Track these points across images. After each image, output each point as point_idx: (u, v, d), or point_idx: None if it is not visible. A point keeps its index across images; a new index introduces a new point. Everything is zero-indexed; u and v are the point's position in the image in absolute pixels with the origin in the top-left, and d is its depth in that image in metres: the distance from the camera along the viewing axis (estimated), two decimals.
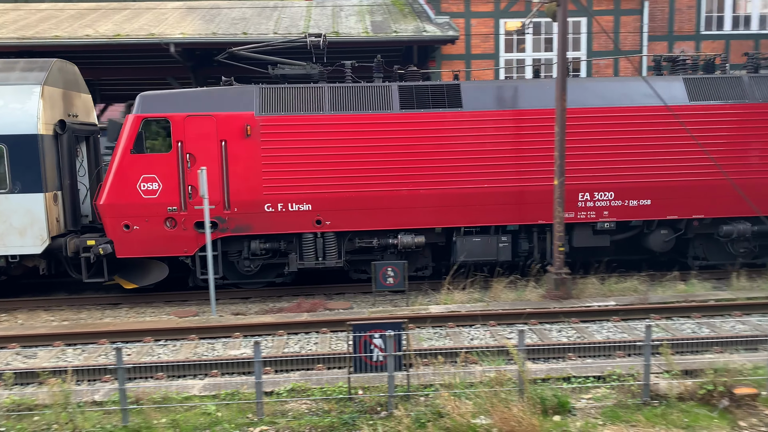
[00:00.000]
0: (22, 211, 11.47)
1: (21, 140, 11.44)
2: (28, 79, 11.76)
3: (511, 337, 8.93)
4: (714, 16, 16.64)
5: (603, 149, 12.11)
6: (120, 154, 11.53)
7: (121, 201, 11.53)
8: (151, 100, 11.71)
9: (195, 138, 11.57)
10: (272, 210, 11.73)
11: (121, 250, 11.67)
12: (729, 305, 10.28)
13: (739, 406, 6.37)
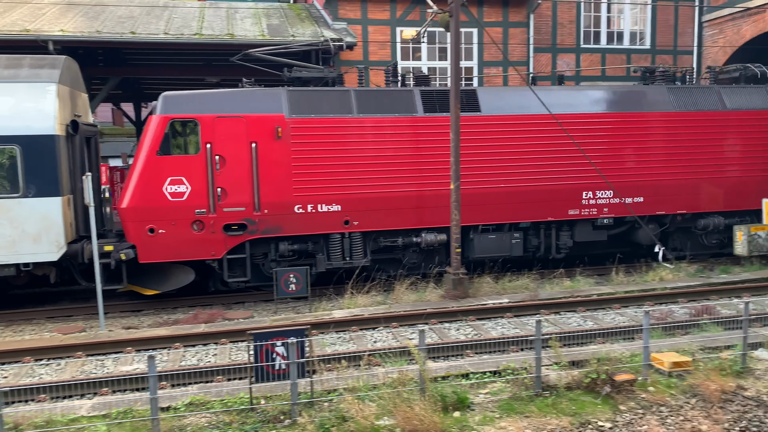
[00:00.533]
0: (36, 216, 10.69)
1: (36, 141, 10.64)
2: (41, 77, 10.94)
3: (413, 338, 9.12)
4: (591, 31, 17.97)
5: (605, 151, 13.27)
6: (145, 156, 11.10)
7: (146, 204, 11.14)
8: (177, 100, 11.42)
9: (224, 139, 11.39)
10: (302, 211, 11.84)
11: (145, 255, 11.26)
12: (609, 299, 11.11)
13: (620, 392, 6.89)
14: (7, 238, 10.60)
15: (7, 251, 10.62)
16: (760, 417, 6.39)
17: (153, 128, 11.17)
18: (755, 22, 16.87)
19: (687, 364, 7.44)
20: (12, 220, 10.59)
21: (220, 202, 11.42)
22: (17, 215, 10.61)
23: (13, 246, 10.61)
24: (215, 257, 11.64)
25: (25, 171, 10.63)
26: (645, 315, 7.26)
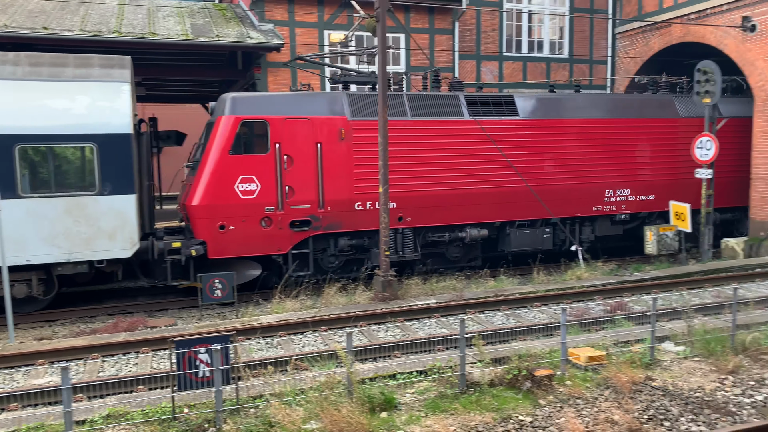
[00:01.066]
0: (111, 213, 10.92)
1: (112, 139, 10.86)
2: (115, 77, 11.13)
3: (341, 341, 9.13)
4: (513, 39, 18.62)
5: (624, 153, 14.89)
6: (218, 155, 11.57)
7: (218, 202, 11.61)
8: (246, 101, 11.97)
9: (292, 140, 12.05)
10: (361, 208, 12.66)
11: (215, 251, 11.70)
12: (531, 297, 11.53)
13: (539, 387, 7.17)
14: (83, 235, 10.76)
15: (82, 248, 10.78)
16: (666, 405, 6.81)
17: (224, 128, 11.64)
18: (662, 36, 18.01)
19: (601, 358, 7.83)
20: (88, 218, 10.76)
21: (288, 200, 12.12)
22: (93, 212, 10.80)
23: (88, 243, 10.76)
24: (281, 252, 12.25)
25: (101, 169, 10.82)
26: (562, 312, 7.59)
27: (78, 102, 10.81)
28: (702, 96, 14.72)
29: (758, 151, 15.66)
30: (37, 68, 10.84)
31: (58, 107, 10.71)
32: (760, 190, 15.62)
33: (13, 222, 10.31)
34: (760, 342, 8.49)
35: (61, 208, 10.65)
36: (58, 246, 10.69)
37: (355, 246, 12.91)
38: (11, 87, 10.52)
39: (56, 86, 10.77)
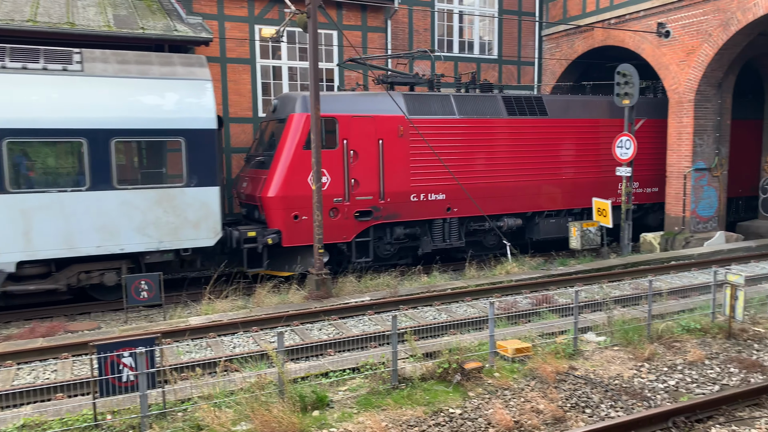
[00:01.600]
0: (197, 204, 11.56)
1: (199, 134, 11.48)
2: (198, 75, 11.78)
3: (273, 341, 9.03)
4: (445, 39, 18.92)
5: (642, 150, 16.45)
6: (292, 150, 12.50)
7: (293, 193, 12.55)
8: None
9: (357, 136, 13.12)
10: (416, 199, 13.87)
11: (289, 239, 12.67)
12: (462, 292, 11.78)
13: (469, 379, 7.34)
14: (171, 225, 11.36)
15: (170, 237, 11.39)
16: (588, 393, 7.13)
17: (297, 125, 12.62)
18: (585, 39, 18.78)
19: (528, 349, 8.10)
20: (176, 208, 11.36)
21: (353, 192, 13.17)
22: (180, 203, 11.41)
23: (175, 233, 11.35)
24: (346, 240, 13.32)
25: (188, 162, 11.42)
26: (490, 306, 7.79)
27: (167, 99, 11.39)
28: (621, 97, 15.45)
29: (672, 150, 16.60)
30: (126, 66, 11.38)
31: (150, 103, 11.21)
32: (674, 187, 16.58)
33: (108, 212, 10.96)
34: (672, 330, 9.03)
35: (151, 199, 11.23)
36: (149, 235, 11.28)
37: (408, 234, 14.14)
38: (106, 84, 11.02)
39: (147, 83, 11.31)
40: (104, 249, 10.98)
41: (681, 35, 15.91)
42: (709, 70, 15.51)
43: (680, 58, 16.01)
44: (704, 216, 16.61)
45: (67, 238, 10.67)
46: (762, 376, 7.63)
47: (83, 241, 10.77)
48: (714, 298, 9.42)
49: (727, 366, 7.95)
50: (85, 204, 10.75)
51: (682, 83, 16.03)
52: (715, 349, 8.52)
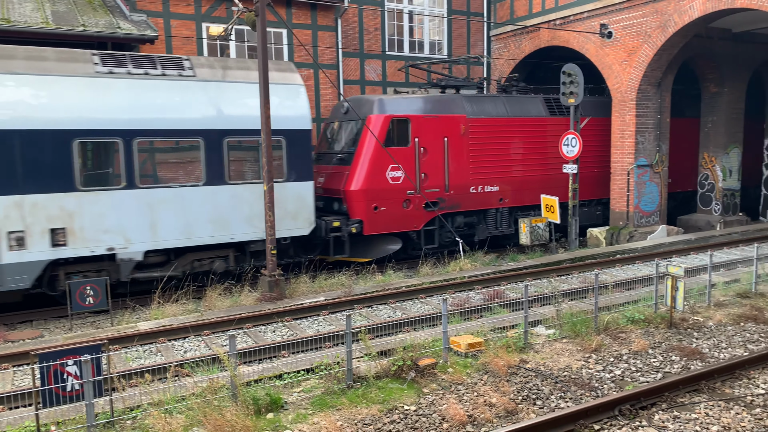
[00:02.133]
0: (295, 197, 12.84)
1: (297, 134, 12.77)
2: (293, 80, 12.98)
3: (225, 345, 8.88)
4: (395, 39, 19.01)
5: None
6: (373, 147, 13.91)
7: (374, 186, 13.97)
8: (393, 103, 14.44)
9: (426, 134, 14.65)
10: (474, 191, 15.54)
11: (369, 228, 14.05)
12: (416, 290, 11.87)
13: (423, 376, 7.41)
14: (276, 216, 12.11)
15: (277, 227, 12.15)
16: (538, 385, 7.30)
17: (378, 125, 14.00)
18: (532, 39, 19.20)
19: (480, 344, 8.24)
20: (278, 201, 12.16)
21: (423, 185, 14.65)
22: (281, 197, 12.44)
23: (277, 223, 12.11)
24: (416, 229, 14.72)
25: (288, 159, 12.68)
26: (443, 303, 7.89)
27: (270, 101, 11.95)
28: (567, 96, 15.87)
29: (616, 148, 17.17)
30: (229, 71, 12.45)
31: (255, 106, 12.02)
32: (618, 184, 17.15)
33: (221, 205, 12.08)
34: (618, 321, 9.34)
35: (257, 193, 12.31)
36: (254, 226, 12.44)
37: (467, 223, 15.69)
38: (215, 88, 12.11)
39: (250, 87, 12.29)
40: (217, 238, 12.14)
41: (622, 36, 16.46)
42: (649, 69, 16.11)
43: (622, 59, 16.56)
44: (647, 211, 17.24)
45: (186, 228, 11.79)
46: (701, 363, 7.98)
47: (199, 231, 11.94)
48: (656, 290, 9.80)
49: (669, 354, 8.28)
50: (202, 198, 11.90)
51: (624, 82, 16.59)
52: (657, 338, 8.86)
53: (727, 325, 9.45)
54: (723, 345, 8.67)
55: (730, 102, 18.92)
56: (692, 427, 6.26)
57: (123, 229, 11.23)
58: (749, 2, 13.52)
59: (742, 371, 7.63)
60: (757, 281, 11.27)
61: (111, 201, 11.09)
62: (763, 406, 6.74)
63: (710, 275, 10.65)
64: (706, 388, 7.16)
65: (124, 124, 11.11)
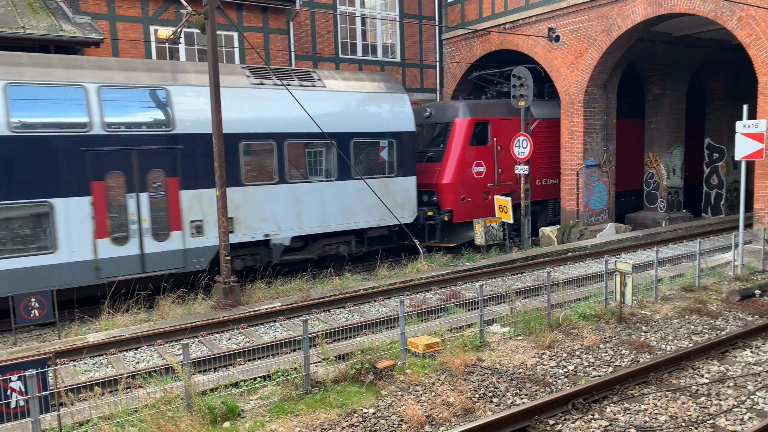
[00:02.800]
0: (402, 190, 15.26)
1: (404, 136, 15.20)
2: (397, 89, 15.53)
3: (179, 354, 8.68)
4: (348, 42, 19.02)
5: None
6: (461, 146, 16.27)
7: (462, 180, 16.28)
8: (475, 107, 16.84)
9: (502, 134, 16.96)
10: (539, 184, 18.06)
11: (458, 217, 16.29)
12: (374, 292, 11.89)
13: (381, 378, 7.42)
14: (388, 206, 14.60)
15: (386, 216, 14.75)
16: (495, 383, 7.41)
17: (464, 127, 16.35)
18: (483, 43, 19.51)
19: (438, 344, 8.30)
20: (390, 194, 14.86)
21: (500, 178, 16.95)
22: (392, 190, 15.04)
23: (388, 212, 14.57)
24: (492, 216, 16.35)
25: (397, 158, 15.17)
26: (401, 304, 7.92)
27: (383, 108, 15.05)
28: (518, 99, 16.20)
29: (565, 149, 17.62)
30: (348, 82, 14.87)
31: (373, 112, 14.82)
32: (568, 183, 17.60)
33: (348, 197, 14.37)
34: (570, 318, 9.57)
35: (375, 187, 14.23)
36: (372, 215, 14.75)
37: (533, 211, 17.63)
38: (341, 96, 14.49)
39: (368, 96, 14.94)
40: (345, 225, 14.42)
41: (570, 40, 16.91)
42: (595, 72, 16.60)
43: (570, 62, 17.01)
44: (596, 209, 17.75)
45: (322, 217, 14.09)
46: (649, 356, 8.25)
47: (332, 220, 14.20)
48: (606, 286, 10.09)
49: (619, 348, 8.54)
50: (334, 191, 14.18)
51: (572, 85, 17.04)
52: (608, 333, 9.12)
53: (673, 318, 9.81)
54: (669, 337, 8.99)
55: (672, 103, 19.67)
56: (641, 417, 6.47)
57: (276, 218, 13.41)
58: (687, 7, 14.09)
59: (687, 362, 7.93)
60: (700, 275, 11.74)
61: (267, 194, 13.27)
62: (707, 395, 7.02)
63: (657, 270, 11.03)
64: (654, 380, 7.41)
65: (276, 128, 13.33)
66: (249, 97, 13.07)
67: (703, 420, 6.39)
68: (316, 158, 14.13)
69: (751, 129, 12.11)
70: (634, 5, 15.21)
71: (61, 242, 11.05)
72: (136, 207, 11.75)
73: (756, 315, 10.05)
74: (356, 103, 14.67)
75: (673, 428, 6.23)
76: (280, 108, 13.27)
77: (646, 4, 14.90)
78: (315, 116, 13.06)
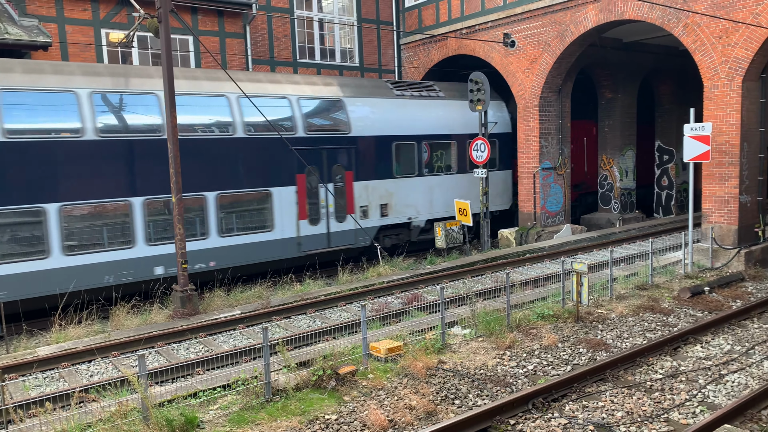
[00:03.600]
0: (502, 181, 18.68)
1: (505, 137, 18.62)
2: (497, 98, 18.49)
3: (135, 365, 8.46)
4: (306, 47, 18.93)
5: None
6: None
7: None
8: None
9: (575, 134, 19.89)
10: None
11: None
12: (336, 298, 11.82)
13: (344, 384, 7.38)
14: (491, 195, 17.34)
15: (491, 203, 17.42)
16: (456, 385, 7.46)
17: None
18: (440, 48, 19.71)
19: (400, 348, 8.31)
20: (494, 184, 17.92)
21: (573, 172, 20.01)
22: (496, 181, 18.20)
23: (493, 200, 17.75)
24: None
25: (499, 154, 18.38)
26: (362, 309, 7.90)
27: (491, 115, 17.65)
28: (475, 103, 16.40)
29: (522, 152, 17.92)
30: (452, 92, 18.01)
31: (478, 117, 17.07)
32: (525, 186, 17.90)
33: (464, 188, 17.66)
34: (529, 318, 9.72)
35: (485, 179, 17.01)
36: (479, 203, 17.10)
37: (593, 201, 21.65)
38: (455, 105, 17.71)
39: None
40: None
41: (525, 45, 17.23)
42: (550, 77, 16.95)
43: (525, 66, 17.33)
44: (553, 211, 18.10)
45: (445, 204, 17.18)
46: (606, 354, 8.45)
47: (449, 207, 17.16)
48: (563, 286, 10.29)
49: (577, 347, 8.71)
50: (454, 183, 17.50)
51: (528, 89, 17.36)
52: (566, 332, 9.30)
53: (627, 316, 10.07)
54: (625, 335, 9.22)
55: (624, 107, 20.25)
56: (599, 414, 6.61)
57: (416, 205, 16.68)
58: (636, 14, 14.54)
59: (642, 359, 8.15)
60: (653, 274, 12.09)
61: (410, 185, 16.51)
62: (661, 390, 7.22)
63: (611, 270, 11.31)
64: (611, 377, 7.59)
65: (416, 131, 16.63)
66: (395, 106, 16.37)
67: (658, 414, 6.57)
68: (441, 156, 17.33)
69: (698, 132, 12.55)
70: (586, 12, 15.61)
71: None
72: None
73: (705, 311, 10.41)
74: (465, 109, 17.41)
75: (629, 423, 6.39)
76: (417, 115, 16.70)
77: (598, 10, 15.31)
78: (440, 121, 16.99)
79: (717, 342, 8.86)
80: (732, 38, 12.98)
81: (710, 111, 13.54)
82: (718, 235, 13.50)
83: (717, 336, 9.12)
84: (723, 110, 13.32)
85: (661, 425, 6.35)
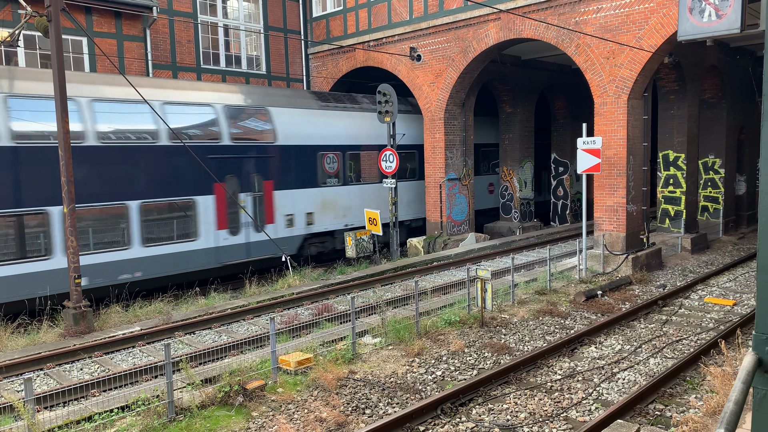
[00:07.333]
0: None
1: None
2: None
3: (21, 390, 7.78)
4: (211, 52, 18.42)
5: None
6: None
7: None
8: None
9: None
10: None
11: None
12: (243, 311, 11.49)
13: (252, 399, 7.18)
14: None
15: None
16: (367, 394, 7.47)
17: None
18: (348, 59, 19.84)
19: (310, 360, 8.21)
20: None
21: None
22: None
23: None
24: None
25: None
26: (271, 322, 7.74)
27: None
28: (384, 115, 16.62)
29: (429, 163, 18.36)
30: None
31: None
32: (432, 196, 18.34)
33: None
34: (437, 325, 9.93)
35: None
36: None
37: None
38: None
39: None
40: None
41: (430, 59, 17.71)
42: (454, 91, 17.51)
43: (431, 80, 17.80)
44: (458, 220, 18.65)
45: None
46: (509, 357, 8.78)
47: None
48: (469, 292, 10.60)
49: (483, 351, 8.99)
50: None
51: (434, 102, 17.84)
52: (472, 337, 9.58)
53: (528, 320, 10.53)
54: (526, 338, 9.63)
55: (522, 121, 21.29)
56: (504, 416, 6.84)
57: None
58: (533, 33, 15.37)
59: (542, 360, 8.55)
60: (551, 279, 12.74)
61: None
62: (561, 390, 7.60)
63: (513, 276, 11.79)
64: (514, 379, 7.89)
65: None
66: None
67: (558, 414, 6.90)
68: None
69: (590, 145, 13.42)
70: (487, 29, 16.29)
71: None
72: None
73: (599, 313, 11.09)
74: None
75: (532, 424, 6.66)
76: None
77: (498, 28, 16.03)
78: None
79: (609, 342, 9.46)
80: (618, 59, 14.02)
81: (600, 126, 14.52)
82: (608, 241, 14.47)
83: (609, 336, 9.74)
84: (612, 126, 14.33)
85: (561, 424, 6.67)
